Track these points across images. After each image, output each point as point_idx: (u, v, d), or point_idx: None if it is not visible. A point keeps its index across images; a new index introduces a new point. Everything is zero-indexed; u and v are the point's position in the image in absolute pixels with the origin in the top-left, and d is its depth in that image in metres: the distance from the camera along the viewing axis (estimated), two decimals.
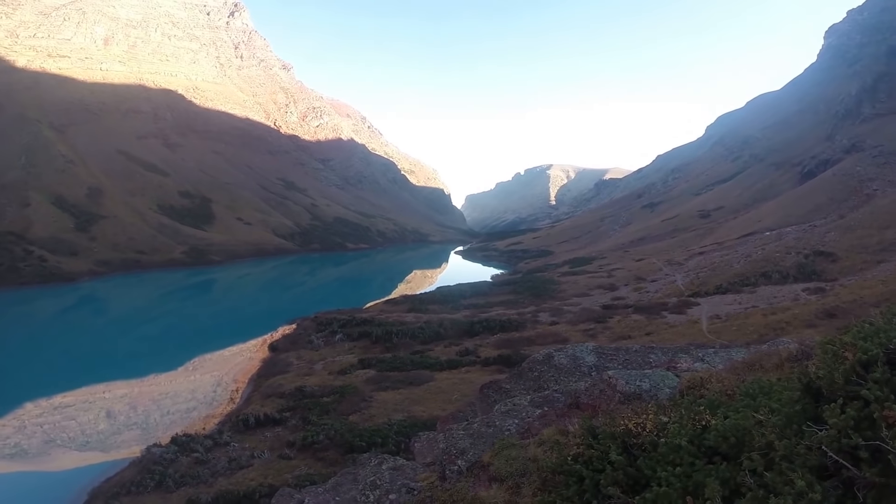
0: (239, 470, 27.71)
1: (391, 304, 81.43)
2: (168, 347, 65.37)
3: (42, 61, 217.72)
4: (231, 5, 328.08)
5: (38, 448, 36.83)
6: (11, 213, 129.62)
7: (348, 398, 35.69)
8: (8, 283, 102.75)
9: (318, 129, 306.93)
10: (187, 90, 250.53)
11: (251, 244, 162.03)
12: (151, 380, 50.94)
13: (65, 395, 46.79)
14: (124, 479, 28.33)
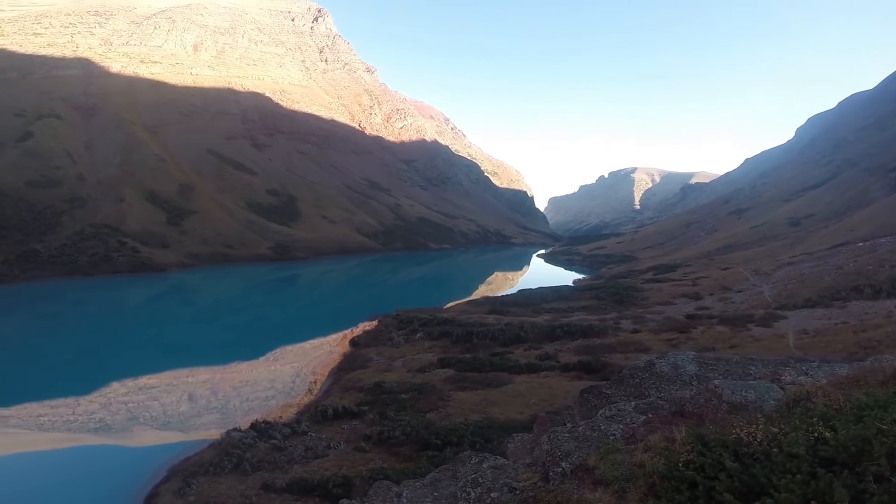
0: (315, 459, 28.02)
1: (472, 304, 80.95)
2: (251, 338, 66.78)
3: (135, 67, 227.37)
4: (315, 11, 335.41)
5: (121, 424, 38.39)
6: (107, 207, 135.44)
7: (426, 396, 35.62)
8: (102, 271, 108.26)
9: (402, 130, 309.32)
10: (274, 93, 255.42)
11: (335, 242, 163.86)
12: (233, 367, 52.21)
13: (150, 377, 48.69)
14: (203, 459, 29.00)
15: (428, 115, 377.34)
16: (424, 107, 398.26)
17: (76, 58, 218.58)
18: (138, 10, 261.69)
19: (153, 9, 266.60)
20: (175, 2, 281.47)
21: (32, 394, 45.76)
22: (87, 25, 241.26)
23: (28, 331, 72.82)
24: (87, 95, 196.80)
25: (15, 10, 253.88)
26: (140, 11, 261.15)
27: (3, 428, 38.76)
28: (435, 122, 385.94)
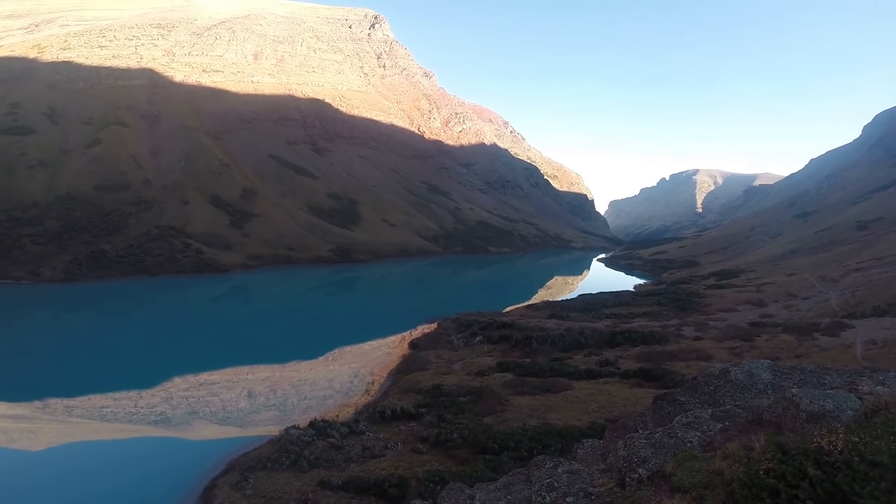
0: (371, 458, 28.23)
1: (532, 309, 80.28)
2: (310, 337, 67.74)
3: (198, 76, 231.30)
4: (371, 18, 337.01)
5: (181, 418, 39.87)
6: (172, 210, 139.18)
7: (484, 400, 35.47)
8: (167, 271, 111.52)
9: (461, 134, 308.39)
10: (334, 99, 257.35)
11: (395, 245, 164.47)
12: (292, 366, 53.25)
13: (211, 374, 50.37)
14: (261, 454, 29.47)
15: (487, 119, 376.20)
16: (483, 110, 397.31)
17: (140, 68, 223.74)
18: (199, 22, 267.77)
19: (213, 20, 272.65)
20: (234, 13, 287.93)
21: (97, 386, 47.78)
22: (151, 38, 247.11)
23: (95, 327, 75.61)
24: (152, 104, 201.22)
25: (80, 25, 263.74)
26: (201, 23, 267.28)
27: (68, 417, 40.91)
28: (494, 125, 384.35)
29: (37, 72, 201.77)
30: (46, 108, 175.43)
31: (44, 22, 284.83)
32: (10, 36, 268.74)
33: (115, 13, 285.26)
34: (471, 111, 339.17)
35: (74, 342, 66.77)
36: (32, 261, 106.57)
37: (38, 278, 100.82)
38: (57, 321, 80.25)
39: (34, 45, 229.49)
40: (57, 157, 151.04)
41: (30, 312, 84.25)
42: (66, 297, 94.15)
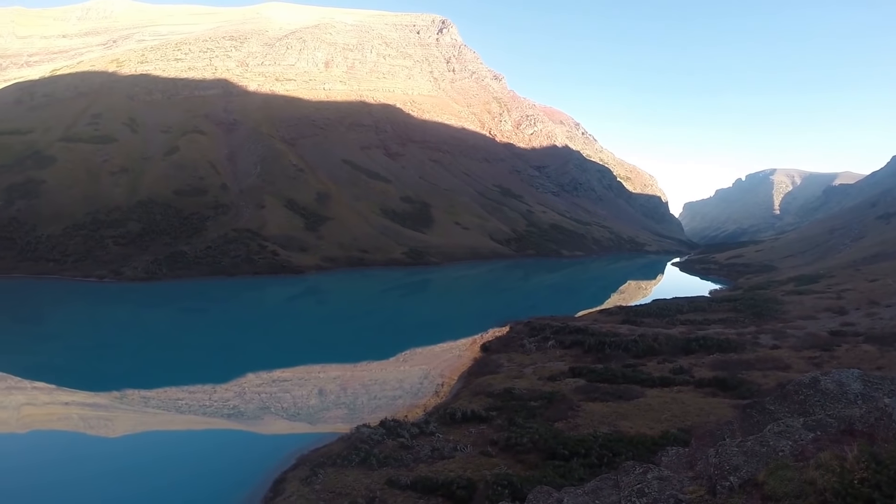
0: (440, 460, 28.12)
1: (605, 314, 78.80)
2: (382, 338, 68.60)
3: (271, 85, 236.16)
4: (439, 23, 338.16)
5: (253, 413, 40.79)
6: (249, 213, 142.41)
7: (555, 405, 35.09)
8: (244, 271, 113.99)
9: (533, 136, 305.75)
10: (405, 104, 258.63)
11: (468, 247, 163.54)
12: (363, 366, 53.70)
13: (283, 371, 51.51)
14: (331, 451, 29.81)
15: (558, 121, 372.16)
16: (554, 112, 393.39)
17: (215, 79, 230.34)
18: (270, 33, 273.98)
19: (284, 31, 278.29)
20: (304, 23, 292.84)
21: (173, 379, 49.99)
22: (224, 49, 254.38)
23: (173, 323, 79.03)
24: (228, 112, 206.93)
25: (157, 40, 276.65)
26: (272, 34, 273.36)
27: (144, 408, 42.99)
28: (565, 127, 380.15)
29: (116, 84, 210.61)
30: (127, 118, 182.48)
31: (121, 38, 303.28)
32: (89, 52, 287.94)
33: (189, 28, 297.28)
34: (542, 113, 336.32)
35: (153, 337, 69.17)
36: (115, 260, 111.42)
37: (119, 277, 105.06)
38: (137, 317, 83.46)
39: (113, 59, 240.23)
40: (138, 163, 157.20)
41: (111, 308, 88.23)
42: (146, 294, 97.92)
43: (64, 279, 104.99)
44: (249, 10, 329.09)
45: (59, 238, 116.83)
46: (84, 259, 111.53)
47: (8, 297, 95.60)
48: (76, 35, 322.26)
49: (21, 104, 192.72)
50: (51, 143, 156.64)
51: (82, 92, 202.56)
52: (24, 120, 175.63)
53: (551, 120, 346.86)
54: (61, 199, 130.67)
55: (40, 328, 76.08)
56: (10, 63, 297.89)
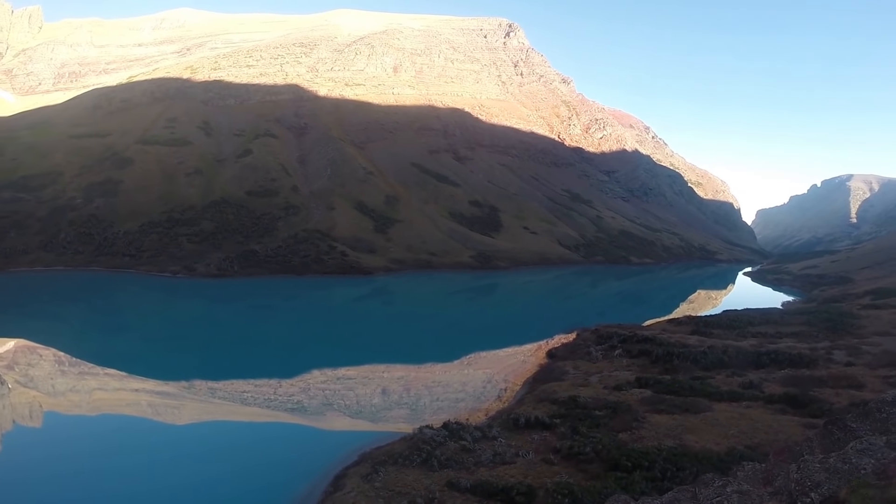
0: (501, 465, 28.01)
1: (674, 323, 76.78)
2: (447, 341, 68.96)
3: (340, 90, 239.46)
4: (506, 27, 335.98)
5: (316, 409, 41.67)
6: (319, 214, 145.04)
7: (620, 415, 34.59)
8: (313, 271, 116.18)
9: (602, 140, 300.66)
10: (473, 108, 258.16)
11: (536, 253, 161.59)
12: (427, 368, 54.21)
13: (348, 369, 52.42)
14: (393, 450, 30.13)
15: (627, 125, 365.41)
16: (623, 115, 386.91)
17: (286, 84, 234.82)
18: (339, 40, 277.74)
19: (353, 37, 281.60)
20: (372, 29, 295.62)
21: (240, 372, 52.07)
22: (294, 56, 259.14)
23: (242, 318, 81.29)
24: (298, 116, 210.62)
25: (229, 47, 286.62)
26: (341, 41, 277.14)
27: (210, 398, 45.13)
28: (635, 130, 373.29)
29: (191, 90, 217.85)
30: (201, 122, 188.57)
31: (195, 46, 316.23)
32: (164, 59, 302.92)
33: (260, 35, 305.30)
34: (611, 117, 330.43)
35: (223, 331, 71.85)
36: (188, 257, 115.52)
37: (192, 273, 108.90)
38: (208, 312, 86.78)
39: (187, 66, 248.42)
40: (211, 165, 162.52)
41: (184, 303, 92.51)
42: (217, 290, 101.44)
43: (139, 273, 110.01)
44: (318, 17, 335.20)
45: (136, 235, 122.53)
46: (159, 255, 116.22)
47: (86, 288, 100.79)
48: (151, 44, 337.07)
49: (99, 109, 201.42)
50: (128, 146, 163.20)
51: (158, 97, 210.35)
52: (102, 123, 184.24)
53: (621, 123, 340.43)
54: (138, 197, 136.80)
55: (115, 319, 79.67)
56: (88, 70, 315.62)
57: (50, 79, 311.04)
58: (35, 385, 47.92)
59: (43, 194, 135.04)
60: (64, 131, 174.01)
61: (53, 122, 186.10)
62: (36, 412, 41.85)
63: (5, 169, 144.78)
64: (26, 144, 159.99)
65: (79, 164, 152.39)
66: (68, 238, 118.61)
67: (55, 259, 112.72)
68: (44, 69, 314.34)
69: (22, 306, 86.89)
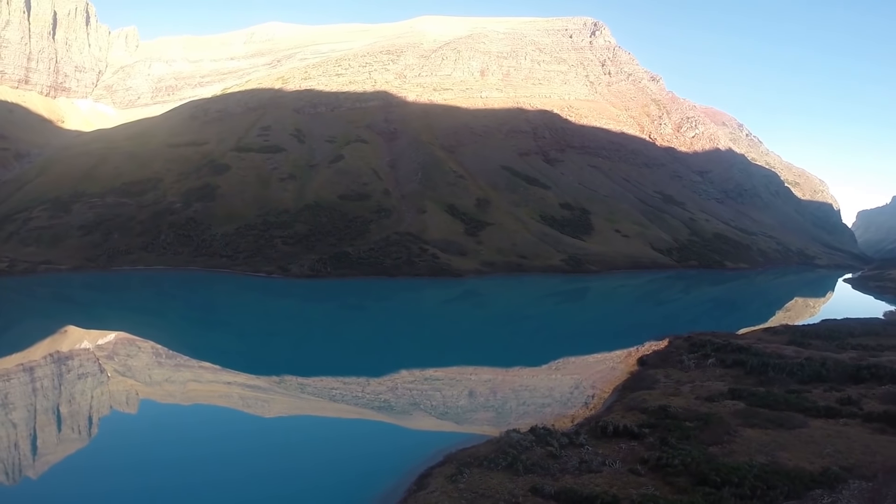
0: (587, 473, 27.40)
1: (769, 332, 72.98)
2: (535, 345, 68.56)
3: (429, 95, 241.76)
4: (591, 26, 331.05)
5: (402, 408, 42.12)
6: (410, 217, 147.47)
7: (711, 427, 33.29)
8: (404, 273, 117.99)
9: (694, 139, 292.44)
10: (562, 109, 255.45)
11: (627, 256, 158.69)
12: (515, 371, 53.87)
13: (436, 370, 52.75)
14: (478, 452, 29.88)
15: (720, 122, 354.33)
16: (715, 113, 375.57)
17: (375, 91, 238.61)
18: (425, 46, 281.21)
19: (438, 42, 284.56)
20: (457, 34, 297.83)
21: (329, 369, 53.65)
22: (382, 63, 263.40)
23: (333, 318, 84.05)
24: (388, 122, 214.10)
25: (318, 57, 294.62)
26: (427, 47, 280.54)
27: (299, 393, 46.59)
28: (728, 128, 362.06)
29: (283, 99, 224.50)
30: (293, 130, 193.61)
31: (285, 57, 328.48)
32: (256, 71, 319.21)
33: (347, 45, 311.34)
34: (703, 115, 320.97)
35: (314, 329, 74.33)
36: (282, 258, 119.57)
37: (286, 273, 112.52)
38: (300, 310, 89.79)
39: (278, 77, 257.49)
40: (304, 170, 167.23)
41: (277, 301, 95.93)
42: (310, 290, 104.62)
43: (235, 274, 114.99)
44: (403, 25, 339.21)
45: (232, 237, 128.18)
46: (254, 256, 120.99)
47: (184, 287, 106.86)
48: (243, 57, 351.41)
49: (196, 119, 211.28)
50: (224, 153, 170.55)
51: (251, 107, 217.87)
52: (199, 133, 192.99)
53: (713, 121, 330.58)
54: (234, 202, 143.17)
55: (211, 315, 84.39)
56: (184, 84, 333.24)
57: (148, 93, 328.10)
58: (133, 374, 50.97)
59: (144, 199, 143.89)
60: (163, 141, 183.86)
61: (152, 132, 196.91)
62: (132, 400, 44.56)
63: (109, 176, 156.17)
64: (128, 154, 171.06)
65: (177, 171, 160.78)
66: (168, 239, 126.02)
67: (156, 259, 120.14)
68: (142, 84, 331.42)
69: (124, 302, 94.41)
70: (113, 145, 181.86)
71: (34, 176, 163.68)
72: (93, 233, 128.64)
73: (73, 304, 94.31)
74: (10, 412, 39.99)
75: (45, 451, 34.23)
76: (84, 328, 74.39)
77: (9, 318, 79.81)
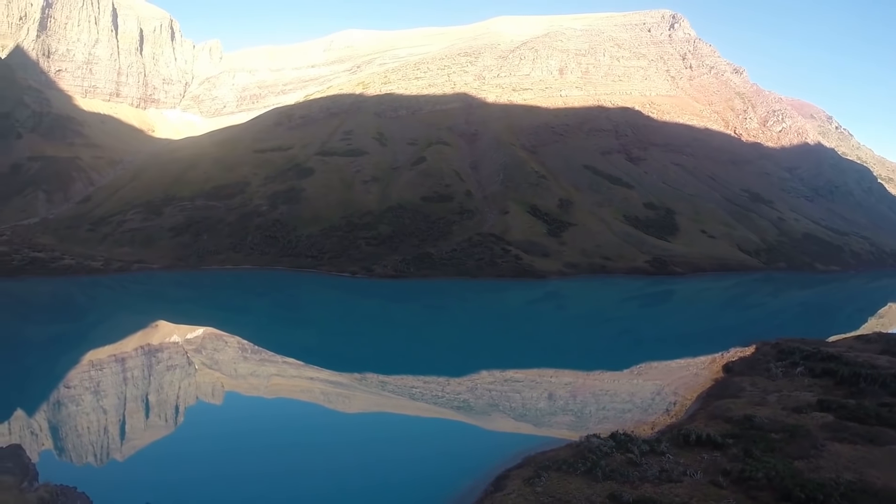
0: (667, 482, 27.05)
1: (862, 340, 69.70)
2: (617, 348, 68.40)
3: (508, 95, 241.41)
4: (669, 18, 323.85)
5: (482, 408, 42.58)
6: (492, 218, 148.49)
7: (798, 440, 32.19)
8: (486, 274, 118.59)
9: (781, 134, 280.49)
10: (643, 106, 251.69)
11: (714, 258, 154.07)
12: (595, 375, 53.76)
13: (516, 372, 53.27)
14: (558, 456, 30.13)
15: (808, 115, 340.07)
16: (803, 105, 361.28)
17: (455, 93, 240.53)
18: (502, 46, 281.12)
19: (515, 42, 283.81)
20: (534, 33, 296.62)
21: (410, 368, 54.90)
22: (461, 65, 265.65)
23: (416, 317, 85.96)
24: (469, 124, 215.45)
25: (396, 62, 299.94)
26: (504, 47, 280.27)
27: (380, 391, 47.70)
28: (816, 121, 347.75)
29: (364, 104, 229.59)
30: (375, 133, 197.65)
31: (364, 63, 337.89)
32: (336, 77, 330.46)
33: (424, 48, 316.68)
34: (789, 107, 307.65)
35: (396, 328, 75.96)
36: (366, 259, 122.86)
37: (370, 273, 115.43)
38: (383, 310, 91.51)
39: (359, 82, 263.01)
40: (387, 173, 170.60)
41: (361, 301, 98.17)
42: (393, 290, 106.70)
43: (320, 273, 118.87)
44: (478, 26, 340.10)
45: (317, 238, 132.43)
46: (339, 257, 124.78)
47: (270, 286, 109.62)
48: (323, 64, 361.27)
49: (280, 125, 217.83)
50: (309, 157, 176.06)
51: (334, 112, 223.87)
52: (284, 138, 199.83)
53: (800, 114, 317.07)
54: (319, 204, 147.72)
55: (296, 313, 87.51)
56: (267, 92, 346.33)
57: (233, 102, 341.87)
58: (219, 368, 53.84)
59: (232, 202, 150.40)
60: (249, 146, 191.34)
61: (239, 138, 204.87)
62: (218, 391, 47.09)
63: (198, 181, 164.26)
64: (215, 159, 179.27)
65: (263, 175, 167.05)
66: (255, 240, 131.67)
67: (243, 259, 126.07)
68: (227, 93, 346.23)
69: (212, 299, 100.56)
70: (201, 152, 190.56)
71: (127, 181, 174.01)
72: (183, 234, 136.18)
73: (164, 300, 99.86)
74: (101, 399, 43.14)
75: (132, 437, 36.48)
76: (174, 323, 79.40)
77: (103, 313, 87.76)
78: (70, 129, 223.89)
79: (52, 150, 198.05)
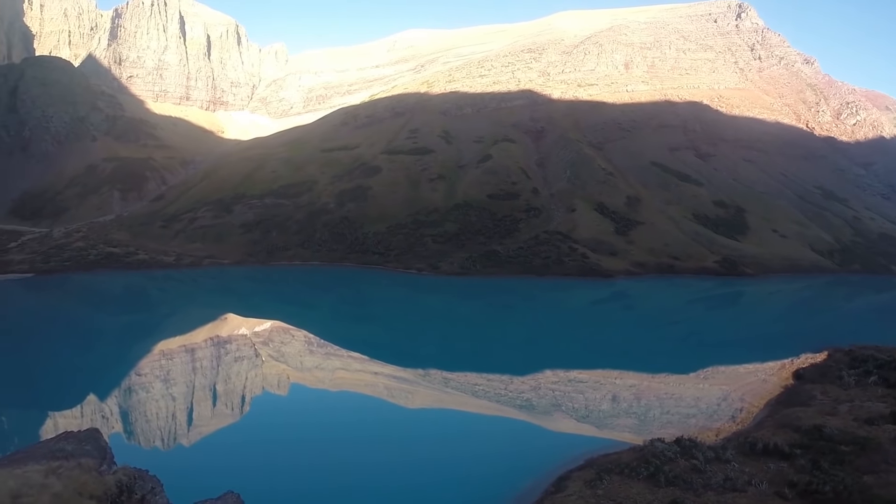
0: (731, 491, 26.56)
1: None
2: (683, 351, 67.24)
3: (573, 91, 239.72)
4: (735, 7, 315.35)
5: (544, 408, 42.58)
6: (559, 216, 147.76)
7: (868, 454, 30.91)
8: (553, 272, 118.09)
9: (856, 127, 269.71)
10: (711, 100, 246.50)
11: (785, 259, 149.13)
12: (661, 378, 52.90)
13: (580, 372, 53.05)
14: (620, 459, 29.92)
15: (883, 107, 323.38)
16: (877, 96, 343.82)
17: (520, 90, 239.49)
18: (566, 42, 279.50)
19: (579, 37, 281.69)
20: (597, 28, 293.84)
21: (474, 365, 55.13)
22: (525, 62, 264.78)
23: (482, 315, 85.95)
24: (534, 121, 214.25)
25: (460, 60, 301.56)
26: (568, 42, 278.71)
27: (443, 387, 48.35)
28: (892, 113, 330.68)
29: (429, 103, 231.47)
30: (441, 132, 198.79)
31: (428, 62, 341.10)
32: (401, 77, 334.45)
33: (487, 46, 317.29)
34: (863, 99, 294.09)
35: (461, 326, 76.30)
36: (432, 256, 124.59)
37: (436, 271, 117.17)
38: (449, 307, 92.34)
39: (423, 81, 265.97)
40: (453, 171, 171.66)
41: (426, 297, 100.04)
42: (459, 287, 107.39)
43: (386, 270, 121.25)
44: (541, 22, 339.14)
45: (384, 235, 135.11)
46: (405, 253, 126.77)
47: (337, 281, 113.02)
48: (387, 64, 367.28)
49: (346, 125, 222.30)
50: (375, 156, 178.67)
51: (399, 112, 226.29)
52: (350, 138, 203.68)
53: (875, 106, 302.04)
54: (386, 202, 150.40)
55: (363, 309, 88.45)
56: (333, 93, 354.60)
57: (300, 103, 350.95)
58: (285, 360, 55.66)
59: (300, 200, 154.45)
60: (316, 146, 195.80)
61: (306, 139, 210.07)
62: (283, 383, 48.64)
63: (267, 179, 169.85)
64: (283, 159, 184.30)
65: (330, 173, 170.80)
66: (323, 237, 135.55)
67: (311, 255, 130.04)
68: (293, 95, 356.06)
69: (280, 294, 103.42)
70: (269, 151, 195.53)
71: (199, 180, 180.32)
72: (253, 231, 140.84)
73: (233, 294, 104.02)
74: (171, 387, 45.32)
75: (199, 423, 38.24)
76: (243, 316, 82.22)
77: (175, 305, 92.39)
78: (143, 131, 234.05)
79: (126, 152, 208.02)
